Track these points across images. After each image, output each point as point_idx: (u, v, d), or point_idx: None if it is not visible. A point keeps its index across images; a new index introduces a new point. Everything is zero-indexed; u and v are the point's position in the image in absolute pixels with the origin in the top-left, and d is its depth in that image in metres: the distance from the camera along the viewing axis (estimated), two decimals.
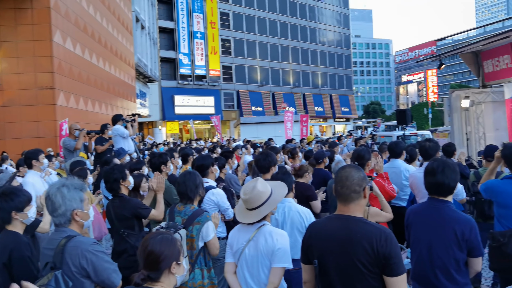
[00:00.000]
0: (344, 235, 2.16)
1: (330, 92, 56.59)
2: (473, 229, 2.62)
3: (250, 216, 2.78)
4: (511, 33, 9.61)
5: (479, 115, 11.99)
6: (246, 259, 2.77)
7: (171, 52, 41.16)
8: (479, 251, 2.66)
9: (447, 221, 2.67)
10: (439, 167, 2.73)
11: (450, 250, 2.64)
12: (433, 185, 2.75)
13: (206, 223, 3.27)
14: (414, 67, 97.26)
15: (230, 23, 46.49)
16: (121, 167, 4.03)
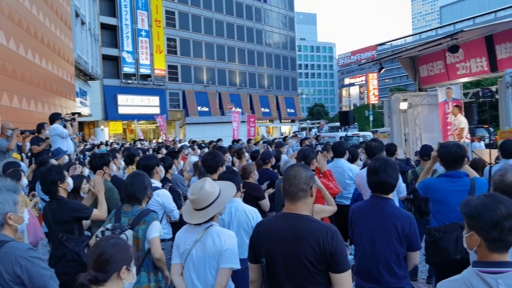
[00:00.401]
0: (291, 233, 2.17)
1: (276, 93, 57.33)
2: (413, 224, 2.75)
3: (198, 217, 2.73)
4: (443, 41, 10.21)
5: (416, 117, 12.64)
6: (193, 260, 2.71)
7: (114, 50, 39.82)
8: (418, 245, 2.78)
9: (388, 217, 2.77)
10: (382, 166, 2.83)
11: (392, 245, 2.74)
12: (376, 184, 2.85)
13: (152, 223, 3.18)
14: (356, 70, 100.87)
15: (176, 22, 45.74)
16: (59, 168, 3.82)
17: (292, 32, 61.31)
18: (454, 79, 11.39)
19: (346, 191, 5.41)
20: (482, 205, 1.74)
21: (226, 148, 9.37)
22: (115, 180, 4.69)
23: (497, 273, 1.65)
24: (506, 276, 1.64)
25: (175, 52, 45.72)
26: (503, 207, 1.71)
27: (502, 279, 1.63)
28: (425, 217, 5.14)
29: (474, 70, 10.62)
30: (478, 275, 1.66)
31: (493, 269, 1.66)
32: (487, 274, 1.65)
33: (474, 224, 1.75)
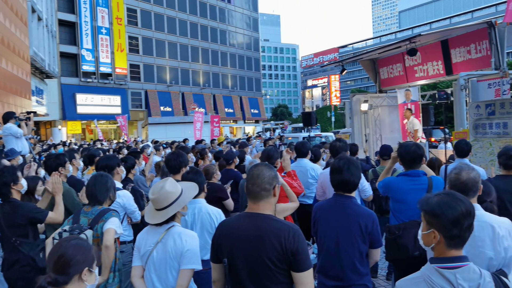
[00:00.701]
0: (253, 232, 2.16)
1: (240, 94, 57.33)
2: (375, 222, 2.81)
3: (158, 217, 2.69)
4: (402, 44, 10.52)
5: (376, 118, 12.95)
6: (154, 262, 2.66)
7: (73, 47, 38.55)
8: (379, 242, 2.85)
9: (352, 216, 2.81)
10: (345, 165, 2.87)
11: (355, 243, 2.78)
12: (339, 182, 2.88)
13: (111, 218, 3.11)
14: (319, 72, 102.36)
15: (138, 20, 44.80)
16: (12, 169, 3.65)
17: (256, 33, 61.51)
18: (413, 81, 11.76)
19: (308, 191, 5.46)
20: (444, 203, 1.78)
21: (189, 148, 9.27)
22: (73, 181, 4.52)
23: (455, 268, 1.70)
24: (463, 270, 1.69)
25: (137, 51, 44.79)
26: (463, 205, 1.77)
27: (460, 274, 1.68)
28: (385, 215, 5.27)
29: (431, 73, 11.00)
30: (437, 271, 1.71)
31: (451, 264, 1.71)
32: (446, 270, 1.69)
33: (436, 221, 1.78)
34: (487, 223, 2.45)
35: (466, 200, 1.81)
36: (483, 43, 9.07)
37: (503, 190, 3.72)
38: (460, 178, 2.59)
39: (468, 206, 1.79)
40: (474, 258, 2.37)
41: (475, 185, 2.59)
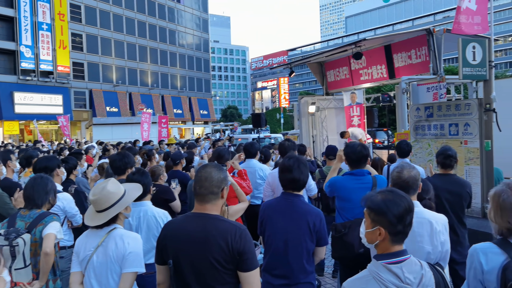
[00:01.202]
0: (199, 233, 2.13)
1: (189, 94, 56.66)
2: (322, 220, 2.86)
3: (99, 218, 2.58)
4: (348, 48, 10.83)
5: (323, 119, 13.25)
6: (94, 267, 2.53)
7: (11, 43, 36.35)
8: (325, 240, 2.90)
9: (300, 214, 2.84)
10: (295, 164, 2.90)
11: (304, 241, 2.81)
12: (289, 181, 2.91)
13: (51, 222, 2.95)
14: (268, 74, 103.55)
15: (82, 17, 43.00)
16: None
17: (206, 34, 61.09)
18: (358, 84, 12.14)
19: (257, 191, 5.47)
20: (389, 200, 1.83)
21: (136, 149, 9.02)
22: (7, 184, 4.25)
23: (400, 262, 1.76)
24: (407, 263, 1.76)
25: (81, 49, 42.99)
26: (405, 202, 1.84)
27: (405, 267, 1.75)
28: (332, 214, 5.37)
29: (375, 77, 11.41)
30: (385, 267, 1.75)
31: (396, 259, 1.77)
32: (393, 265, 1.74)
33: (381, 219, 1.82)
34: (426, 219, 2.56)
35: (407, 197, 1.89)
36: (423, 49, 9.52)
37: (440, 188, 3.91)
38: (402, 177, 2.68)
39: (409, 202, 1.87)
40: (413, 253, 2.45)
41: (416, 183, 2.70)
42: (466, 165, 6.39)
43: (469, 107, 6.35)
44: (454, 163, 4.14)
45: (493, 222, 2.00)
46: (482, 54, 6.11)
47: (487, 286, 1.99)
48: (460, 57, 5.96)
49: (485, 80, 6.32)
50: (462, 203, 4.03)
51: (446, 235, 2.61)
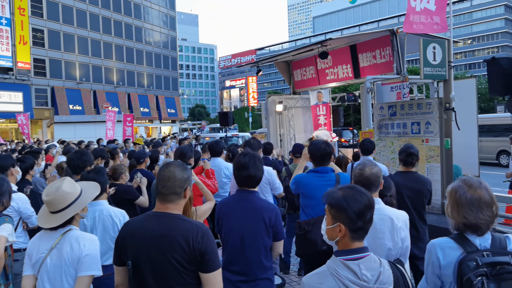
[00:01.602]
0: (160, 232, 2.08)
1: (156, 93, 55.81)
2: (278, 215, 2.87)
3: (53, 220, 2.47)
4: (314, 47, 10.92)
5: (291, 118, 13.32)
6: (48, 270, 2.42)
7: None
8: (282, 235, 2.90)
9: (256, 210, 2.83)
10: (251, 160, 2.89)
11: (260, 237, 2.80)
12: (245, 178, 2.89)
13: (2, 225, 2.80)
14: (237, 73, 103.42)
15: (43, 12, 41.53)
16: None
17: (173, 32, 60.35)
18: (324, 84, 12.26)
19: (222, 190, 5.42)
20: (349, 196, 1.84)
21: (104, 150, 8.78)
22: None
23: (359, 259, 1.76)
24: (365, 260, 1.76)
25: (42, 45, 41.53)
26: (366, 198, 1.84)
27: (363, 264, 1.74)
28: (297, 212, 5.38)
29: (341, 76, 11.55)
30: (342, 264, 1.75)
31: (355, 256, 1.77)
32: (351, 261, 1.74)
33: (341, 215, 1.82)
34: (387, 216, 2.58)
35: (367, 193, 1.90)
36: (387, 49, 9.71)
37: (402, 185, 3.99)
38: (364, 174, 2.70)
39: (370, 198, 1.87)
40: (375, 249, 2.48)
41: (377, 180, 2.72)
42: (427, 163, 6.55)
43: (430, 106, 6.51)
44: (416, 161, 4.24)
45: (450, 217, 2.03)
46: (442, 55, 6.28)
47: (444, 281, 2.02)
48: (421, 57, 6.10)
49: (445, 80, 6.50)
50: (422, 200, 4.12)
51: (407, 232, 2.65)
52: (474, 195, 1.95)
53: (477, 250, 1.91)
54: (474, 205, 1.93)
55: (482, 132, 14.50)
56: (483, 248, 1.92)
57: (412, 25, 6.20)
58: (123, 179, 4.57)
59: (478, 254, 1.88)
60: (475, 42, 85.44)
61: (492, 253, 1.88)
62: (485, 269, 1.82)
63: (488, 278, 1.81)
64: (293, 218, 5.68)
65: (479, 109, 19.58)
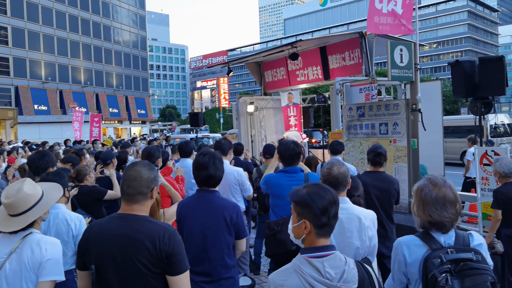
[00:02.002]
0: (125, 235, 2.02)
1: (126, 93, 54.80)
2: (239, 213, 2.86)
3: (14, 223, 2.36)
4: (285, 48, 10.96)
5: (262, 119, 13.34)
6: (7, 275, 2.31)
7: None
8: (244, 233, 2.90)
9: (217, 209, 2.81)
10: (210, 160, 2.86)
11: (222, 236, 2.79)
12: (204, 178, 2.86)
13: None
14: (208, 74, 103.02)
15: (7, 9, 40.08)
16: None
17: (143, 31, 59.44)
18: (295, 85, 12.33)
19: (192, 191, 5.35)
20: (313, 193, 1.84)
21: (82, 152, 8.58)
22: None
23: (323, 257, 1.75)
24: (330, 258, 1.75)
25: (6, 43, 40.08)
26: (329, 194, 1.85)
27: (327, 262, 1.74)
28: (268, 213, 5.38)
29: (311, 78, 11.64)
30: (307, 261, 1.75)
31: (319, 253, 1.76)
32: (315, 259, 1.74)
33: (306, 211, 1.82)
34: (355, 215, 2.60)
35: (332, 190, 1.91)
36: (356, 51, 9.86)
37: (370, 185, 4.04)
38: (332, 173, 2.71)
39: (334, 195, 1.88)
40: (343, 248, 2.49)
41: (345, 180, 2.74)
42: (395, 163, 6.68)
43: (397, 107, 6.65)
44: (384, 161, 4.30)
45: (416, 215, 2.06)
46: (409, 57, 6.42)
47: (410, 278, 2.05)
48: (388, 58, 6.22)
49: (412, 82, 6.65)
50: (390, 199, 4.18)
51: (374, 230, 2.67)
52: (439, 193, 1.99)
53: (442, 247, 1.95)
54: (439, 203, 1.96)
55: (447, 133, 14.94)
56: (447, 245, 1.96)
57: (378, 26, 6.32)
58: (88, 180, 4.44)
59: (442, 251, 1.91)
60: (440, 46, 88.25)
61: (455, 250, 1.91)
62: (449, 266, 1.86)
63: (452, 274, 1.84)
64: (263, 219, 5.66)
65: (444, 111, 20.23)
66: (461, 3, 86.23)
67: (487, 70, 6.14)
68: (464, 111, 24.30)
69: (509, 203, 4.33)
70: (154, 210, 2.89)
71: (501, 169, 4.43)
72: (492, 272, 1.91)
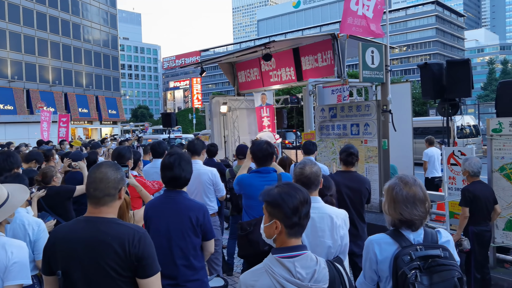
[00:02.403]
0: (93, 238, 1.96)
1: (96, 93, 53.67)
2: (206, 213, 2.85)
3: None
4: (258, 49, 10.98)
5: (235, 120, 13.32)
6: None
7: None
8: (212, 234, 2.89)
9: (183, 209, 2.80)
10: (176, 161, 2.84)
11: (188, 237, 2.77)
12: (170, 178, 2.85)
13: None
14: (181, 74, 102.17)
15: None
16: None
17: (114, 30, 58.37)
18: (268, 86, 12.37)
19: None
20: (284, 192, 1.84)
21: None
22: None
23: (294, 257, 1.75)
24: (301, 258, 1.75)
25: None
26: (301, 194, 1.85)
27: (298, 262, 1.74)
28: (242, 213, 5.36)
29: (284, 79, 11.70)
30: (278, 261, 1.74)
31: (290, 254, 1.76)
32: (286, 259, 1.73)
33: (277, 211, 1.82)
34: (327, 214, 2.62)
35: (303, 189, 1.91)
36: (328, 53, 9.97)
37: (342, 184, 4.09)
38: (304, 172, 2.73)
39: (305, 194, 1.89)
40: (315, 248, 2.50)
41: (317, 179, 2.76)
42: (366, 163, 6.78)
43: (368, 108, 6.75)
44: (356, 161, 4.36)
45: (387, 214, 2.09)
46: (380, 59, 6.54)
47: (380, 276, 2.08)
48: (360, 60, 6.31)
49: (382, 83, 6.77)
50: (361, 199, 4.25)
51: (346, 229, 2.70)
52: (409, 192, 2.02)
53: (411, 244, 1.98)
54: (409, 202, 2.00)
55: (416, 134, 15.29)
56: (416, 243, 2.00)
57: (351, 28, 6.42)
58: (55, 181, 4.31)
59: (412, 248, 1.95)
60: (409, 49, 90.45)
61: (424, 247, 1.96)
62: (418, 263, 1.90)
63: (421, 271, 1.88)
64: (236, 219, 5.64)
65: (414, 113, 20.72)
66: (429, 8, 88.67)
67: (454, 72, 6.32)
68: (433, 112, 24.99)
69: (476, 201, 4.46)
70: (124, 211, 2.82)
71: (470, 168, 4.56)
72: (459, 268, 1.96)
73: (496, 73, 69.38)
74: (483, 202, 4.47)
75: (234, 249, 5.79)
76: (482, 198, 4.47)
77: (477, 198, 4.46)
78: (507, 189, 4.81)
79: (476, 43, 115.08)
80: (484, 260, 4.65)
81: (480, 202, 4.46)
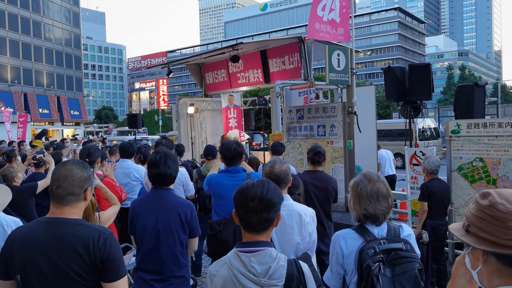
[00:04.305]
0: (54, 240, 1.86)
1: (58, 93, 52.05)
2: (193, 211, 2.87)
3: None
4: (226, 50, 11.01)
5: (202, 121, 13.27)
6: None
7: None
8: (197, 232, 2.91)
9: (171, 206, 2.80)
10: (162, 159, 2.86)
11: (176, 232, 2.78)
12: (156, 176, 2.86)
13: None
14: (147, 75, 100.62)
15: None
16: None
17: (77, 29, 56.82)
18: (236, 87, 12.42)
19: (132, 193, 5.22)
20: (241, 187, 1.86)
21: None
22: None
23: (252, 252, 1.76)
24: (259, 254, 1.76)
25: None
26: (252, 190, 1.81)
27: (255, 257, 1.75)
28: (209, 214, 5.36)
29: (252, 80, 11.78)
30: (236, 255, 1.78)
31: (249, 249, 1.77)
32: (243, 253, 1.76)
33: (235, 207, 1.86)
34: (295, 211, 2.69)
35: (262, 187, 1.85)
36: (295, 55, 10.12)
37: (309, 183, 4.18)
38: (274, 171, 2.79)
39: (259, 191, 1.84)
40: (284, 244, 2.56)
41: (286, 177, 2.82)
42: (332, 164, 6.93)
43: (334, 110, 6.91)
44: (323, 160, 4.47)
45: (352, 209, 2.18)
46: (346, 62, 6.70)
47: (346, 269, 2.16)
48: (326, 63, 6.45)
49: (348, 86, 6.94)
50: (328, 198, 4.35)
51: (314, 226, 2.77)
52: (373, 188, 2.12)
53: (375, 239, 2.07)
54: (373, 197, 2.09)
55: (380, 136, 15.73)
56: (380, 237, 2.09)
57: (319, 33, 6.55)
58: (16, 182, 4.20)
59: (376, 242, 2.04)
60: (373, 54, 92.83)
61: (387, 241, 2.05)
62: (382, 256, 1.99)
63: (384, 263, 1.98)
64: (204, 220, 5.63)
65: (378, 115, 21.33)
66: (392, 14, 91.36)
67: (416, 76, 6.58)
68: (396, 115, 25.74)
69: (433, 197, 4.79)
70: (89, 213, 2.78)
71: (428, 166, 4.90)
72: (419, 260, 2.07)
73: (454, 78, 72.21)
74: (439, 198, 4.79)
75: (201, 249, 5.79)
76: (439, 194, 4.79)
77: (434, 193, 4.78)
78: (464, 187, 5.05)
79: (436, 49, 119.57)
80: (439, 251, 4.97)
81: (437, 198, 4.78)
